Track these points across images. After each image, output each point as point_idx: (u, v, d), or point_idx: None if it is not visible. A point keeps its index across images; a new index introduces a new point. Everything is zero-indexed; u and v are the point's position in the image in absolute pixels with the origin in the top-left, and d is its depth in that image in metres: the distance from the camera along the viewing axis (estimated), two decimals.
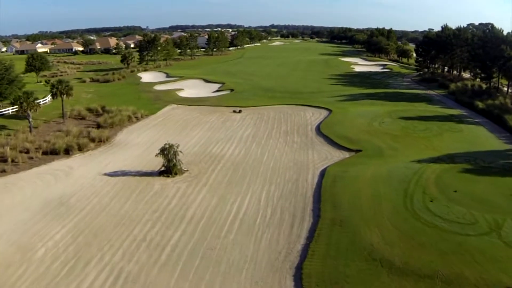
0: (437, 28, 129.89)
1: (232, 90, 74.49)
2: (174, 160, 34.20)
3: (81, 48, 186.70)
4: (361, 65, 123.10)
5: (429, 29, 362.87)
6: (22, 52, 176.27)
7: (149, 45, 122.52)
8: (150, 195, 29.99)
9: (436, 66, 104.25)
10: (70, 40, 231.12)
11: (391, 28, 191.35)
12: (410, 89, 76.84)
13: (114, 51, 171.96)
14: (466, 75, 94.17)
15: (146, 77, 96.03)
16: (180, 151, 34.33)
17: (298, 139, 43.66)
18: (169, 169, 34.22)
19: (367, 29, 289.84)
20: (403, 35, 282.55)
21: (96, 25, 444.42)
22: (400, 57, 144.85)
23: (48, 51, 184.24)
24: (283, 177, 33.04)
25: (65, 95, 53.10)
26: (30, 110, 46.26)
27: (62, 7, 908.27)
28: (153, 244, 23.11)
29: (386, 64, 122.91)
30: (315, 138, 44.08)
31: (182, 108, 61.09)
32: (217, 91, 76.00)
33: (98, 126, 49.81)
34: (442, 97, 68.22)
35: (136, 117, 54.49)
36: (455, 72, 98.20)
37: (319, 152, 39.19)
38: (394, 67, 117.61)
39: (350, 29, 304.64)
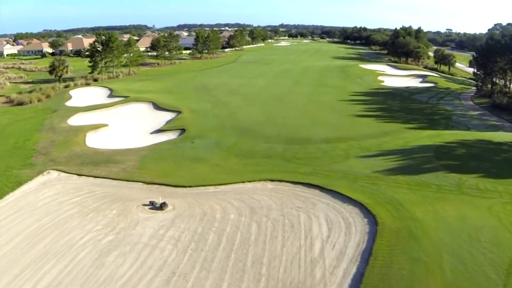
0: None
1: (183, 130, 42.41)
2: None
3: (50, 50, 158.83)
4: (392, 76, 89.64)
5: (447, 29, 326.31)
6: None
7: (104, 48, 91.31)
8: None
9: (507, 82, 71.51)
10: (52, 40, 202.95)
11: (420, 27, 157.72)
12: (491, 130, 44.36)
13: (87, 53, 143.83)
14: None
15: (79, 96, 64.52)
16: None
17: None
18: None
19: (381, 29, 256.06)
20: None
21: (102, 24, 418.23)
22: (439, 64, 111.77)
23: (17, 52, 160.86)
24: None
25: None
26: None
27: (68, 6, 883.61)
28: None
29: (426, 76, 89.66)
30: None
31: (61, 184, 29.39)
32: (158, 131, 43.75)
33: None
34: None
35: None
36: None
37: None
38: (438, 80, 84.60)
39: (365, 29, 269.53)
